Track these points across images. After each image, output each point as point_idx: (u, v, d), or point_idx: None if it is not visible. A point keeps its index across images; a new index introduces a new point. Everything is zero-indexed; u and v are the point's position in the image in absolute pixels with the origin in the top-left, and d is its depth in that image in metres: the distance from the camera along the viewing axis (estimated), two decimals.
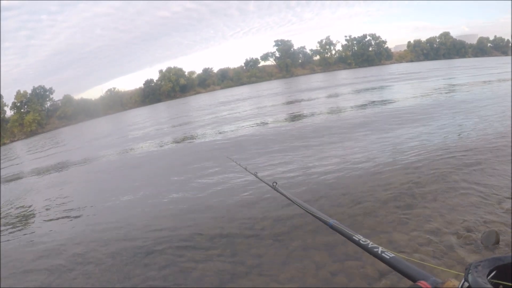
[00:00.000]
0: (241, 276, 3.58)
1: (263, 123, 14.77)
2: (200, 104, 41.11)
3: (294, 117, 15.09)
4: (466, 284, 0.62)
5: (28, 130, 65.68)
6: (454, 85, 20.76)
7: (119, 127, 31.24)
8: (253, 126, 14.23)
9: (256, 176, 2.46)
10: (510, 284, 0.60)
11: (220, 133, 13.71)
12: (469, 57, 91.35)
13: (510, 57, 59.80)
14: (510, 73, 22.58)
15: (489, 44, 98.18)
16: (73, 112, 72.94)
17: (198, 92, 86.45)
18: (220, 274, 3.69)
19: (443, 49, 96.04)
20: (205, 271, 3.79)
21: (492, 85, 17.98)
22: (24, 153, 28.54)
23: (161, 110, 44.33)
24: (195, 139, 13.84)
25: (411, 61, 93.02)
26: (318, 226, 3.85)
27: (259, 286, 3.37)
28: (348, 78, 44.93)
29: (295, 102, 22.92)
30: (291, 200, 1.61)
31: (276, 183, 1.95)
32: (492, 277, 0.63)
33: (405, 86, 23.80)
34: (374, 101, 16.59)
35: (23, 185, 11.91)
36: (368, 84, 29.82)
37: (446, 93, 16.94)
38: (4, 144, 55.34)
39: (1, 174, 16.06)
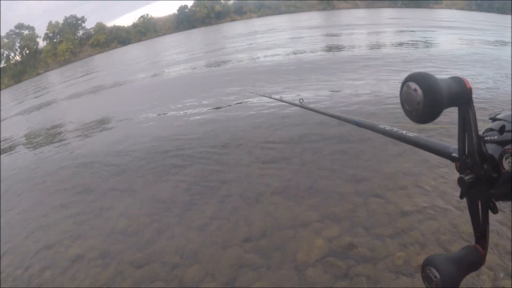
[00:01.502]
0: None
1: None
2: (236, 32, 36.64)
3: None
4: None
5: (62, 59, 65.25)
6: None
7: (153, 53, 28.77)
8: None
9: (282, 100, 2.45)
10: None
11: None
12: None
13: None
14: None
15: None
16: (105, 40, 72.25)
17: (234, 20, 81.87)
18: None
19: (499, 2, 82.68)
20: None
21: None
22: (57, 82, 26.96)
23: (195, 38, 40.33)
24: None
25: (462, 9, 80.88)
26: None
27: None
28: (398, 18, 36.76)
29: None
30: (318, 112, 1.60)
31: (303, 99, 1.89)
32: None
33: None
34: None
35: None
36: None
37: None
38: (39, 74, 54.75)
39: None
